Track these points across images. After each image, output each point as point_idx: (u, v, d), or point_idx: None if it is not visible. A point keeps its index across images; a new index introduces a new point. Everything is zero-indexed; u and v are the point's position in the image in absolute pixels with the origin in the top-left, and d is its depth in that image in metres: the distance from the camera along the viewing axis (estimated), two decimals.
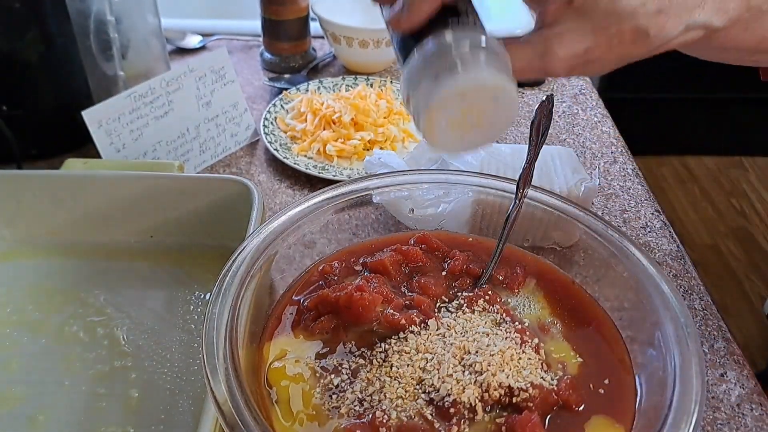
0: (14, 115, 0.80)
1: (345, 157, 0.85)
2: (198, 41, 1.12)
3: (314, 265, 0.57)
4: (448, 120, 0.38)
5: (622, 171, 0.86)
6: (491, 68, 0.37)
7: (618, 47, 0.40)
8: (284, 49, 1.05)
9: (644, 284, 0.51)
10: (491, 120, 0.40)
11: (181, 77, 0.80)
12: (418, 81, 0.38)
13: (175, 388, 0.57)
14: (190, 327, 0.62)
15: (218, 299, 0.47)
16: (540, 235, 0.60)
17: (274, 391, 0.47)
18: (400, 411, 0.44)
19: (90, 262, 0.69)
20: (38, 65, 0.79)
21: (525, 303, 0.54)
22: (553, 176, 0.69)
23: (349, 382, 0.47)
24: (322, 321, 0.51)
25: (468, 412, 0.44)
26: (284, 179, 0.84)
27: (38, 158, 0.83)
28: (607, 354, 0.51)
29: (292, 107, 0.93)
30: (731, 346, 0.63)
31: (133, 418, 0.55)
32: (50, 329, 0.62)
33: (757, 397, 0.59)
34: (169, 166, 0.73)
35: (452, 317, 0.51)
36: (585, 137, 0.93)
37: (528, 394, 0.45)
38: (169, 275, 0.68)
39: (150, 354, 0.60)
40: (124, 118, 0.76)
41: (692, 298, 0.68)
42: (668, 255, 0.73)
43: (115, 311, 0.64)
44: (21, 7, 0.74)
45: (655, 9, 0.39)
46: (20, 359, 0.59)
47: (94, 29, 0.80)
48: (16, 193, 0.68)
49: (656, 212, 0.79)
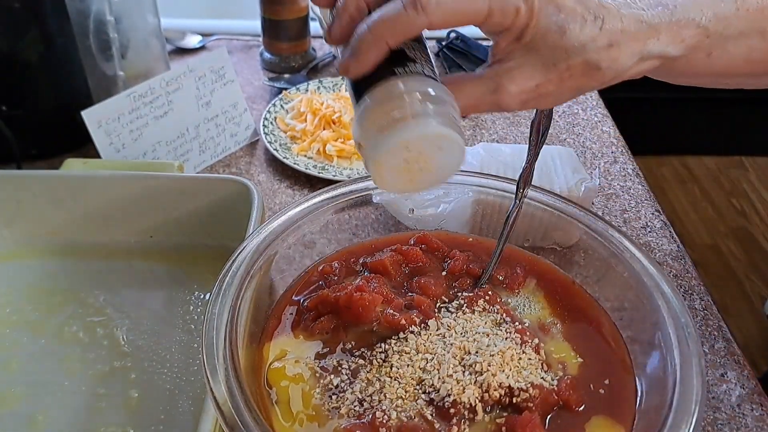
0: (14, 115, 0.80)
1: (345, 157, 0.85)
2: (198, 41, 1.12)
3: (314, 265, 0.57)
4: (396, 167, 0.39)
5: (622, 171, 0.86)
6: (436, 120, 0.37)
7: (569, 81, 0.40)
8: (284, 49, 1.05)
9: (644, 284, 0.51)
10: (439, 165, 0.40)
11: (180, 77, 0.80)
12: (366, 130, 0.38)
13: (175, 388, 0.57)
14: (190, 327, 0.62)
15: (218, 299, 0.47)
16: (540, 235, 0.60)
17: (274, 392, 0.47)
18: (400, 411, 0.44)
19: (89, 263, 0.69)
20: (38, 65, 0.79)
21: (525, 303, 0.54)
22: (553, 176, 0.69)
23: (349, 382, 0.47)
24: (322, 321, 0.51)
25: (468, 413, 0.44)
26: (284, 179, 0.84)
27: (38, 158, 0.83)
28: (608, 354, 0.51)
29: (292, 107, 0.93)
30: (731, 346, 0.63)
31: (133, 418, 0.54)
32: (50, 329, 0.62)
33: (757, 397, 0.59)
34: (169, 166, 0.73)
35: (452, 317, 0.51)
36: (585, 137, 0.93)
37: (528, 395, 0.45)
38: (169, 275, 0.68)
39: (150, 354, 0.60)
40: (123, 118, 0.76)
41: (692, 298, 0.68)
42: (668, 255, 0.73)
43: (114, 311, 0.64)
44: (21, 7, 0.74)
45: (605, 43, 0.39)
46: (20, 359, 0.59)
47: (93, 29, 0.80)
48: (15, 193, 0.68)
49: (656, 212, 0.79)
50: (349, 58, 0.39)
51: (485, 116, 0.96)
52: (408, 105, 0.37)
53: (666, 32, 0.40)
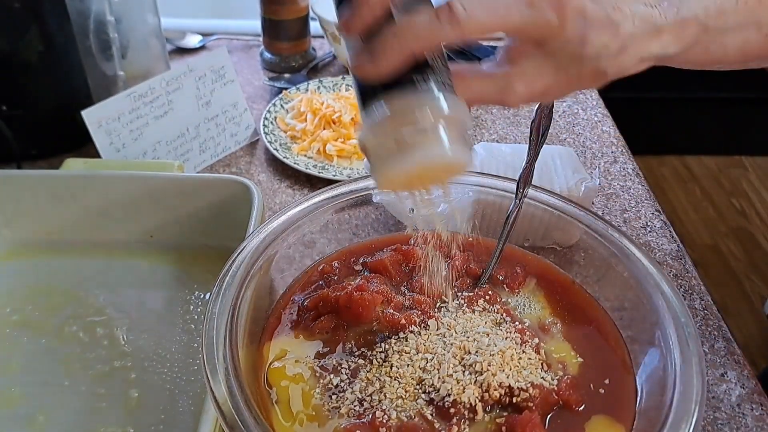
0: (14, 115, 0.80)
1: (345, 156, 0.85)
2: (198, 41, 1.12)
3: (314, 265, 0.57)
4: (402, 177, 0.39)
5: (622, 171, 0.86)
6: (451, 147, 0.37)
7: (576, 84, 0.41)
8: (284, 48, 1.05)
9: (644, 284, 0.51)
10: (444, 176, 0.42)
11: (180, 77, 0.80)
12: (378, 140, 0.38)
13: (175, 388, 0.57)
14: (190, 327, 0.62)
15: (218, 299, 0.47)
16: (540, 235, 0.60)
17: (274, 392, 0.47)
18: (400, 411, 0.44)
19: (90, 263, 0.69)
20: (38, 65, 0.79)
21: (525, 303, 0.54)
22: (553, 176, 0.69)
23: (349, 382, 0.47)
24: (322, 321, 0.51)
25: (468, 412, 0.44)
26: (284, 179, 0.84)
27: (38, 158, 0.83)
28: (608, 354, 0.51)
29: (292, 107, 0.93)
30: (731, 346, 0.63)
31: (133, 418, 0.54)
32: (50, 329, 0.62)
33: (757, 396, 0.59)
34: (169, 166, 0.73)
35: (452, 317, 0.51)
36: (585, 137, 0.93)
37: (528, 394, 0.45)
38: (169, 275, 0.68)
39: (150, 354, 0.60)
40: (123, 118, 0.76)
41: (692, 298, 0.68)
42: (668, 255, 0.73)
43: (114, 311, 0.64)
44: (21, 7, 0.74)
45: (617, 48, 0.39)
46: (20, 359, 0.59)
47: (93, 29, 0.80)
48: (15, 193, 0.68)
49: (656, 212, 0.79)
50: (368, 59, 0.37)
51: (485, 116, 0.96)
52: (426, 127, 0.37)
53: (669, 32, 0.40)
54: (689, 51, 0.41)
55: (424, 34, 0.36)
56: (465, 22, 0.36)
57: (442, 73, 0.38)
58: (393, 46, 0.36)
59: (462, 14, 0.36)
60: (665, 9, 0.40)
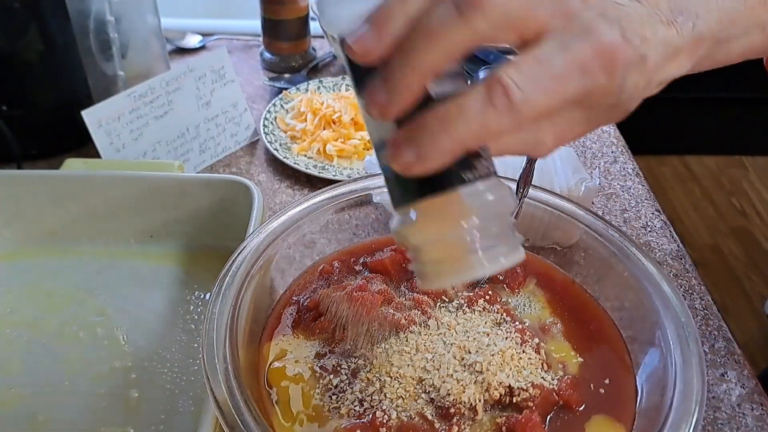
0: (14, 115, 0.80)
1: (345, 156, 0.85)
2: (198, 41, 1.12)
3: (314, 265, 0.57)
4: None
5: (622, 170, 0.86)
6: (505, 258, 0.35)
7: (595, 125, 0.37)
8: (284, 48, 1.05)
9: (644, 284, 0.51)
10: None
11: (180, 77, 0.80)
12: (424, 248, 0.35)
13: (175, 388, 0.57)
14: (190, 327, 0.62)
15: (218, 299, 0.47)
16: (540, 235, 0.60)
17: (274, 392, 0.47)
18: (400, 411, 0.44)
19: (89, 263, 0.68)
20: (38, 65, 0.79)
21: (525, 303, 0.54)
22: (553, 176, 0.69)
23: (349, 382, 0.47)
24: (322, 321, 0.51)
25: (468, 412, 0.44)
26: (284, 179, 0.84)
27: (38, 158, 0.83)
28: (608, 354, 0.51)
29: (292, 107, 0.93)
30: (731, 345, 0.63)
31: (133, 418, 0.54)
32: (50, 329, 0.62)
33: (757, 396, 0.59)
34: (169, 166, 0.73)
35: (452, 317, 0.51)
36: (585, 137, 0.93)
37: (528, 394, 0.45)
38: (169, 275, 0.68)
39: (150, 354, 0.60)
40: (123, 118, 0.76)
41: (692, 298, 0.68)
42: (668, 255, 0.73)
43: (115, 311, 0.64)
44: (21, 7, 0.74)
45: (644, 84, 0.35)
46: (20, 359, 0.59)
47: (93, 29, 0.80)
48: (15, 193, 0.68)
49: (657, 212, 0.79)
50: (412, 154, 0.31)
51: None
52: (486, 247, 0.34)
53: (686, 52, 0.36)
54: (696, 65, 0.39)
55: (476, 125, 0.31)
56: (521, 105, 0.31)
57: (486, 158, 0.34)
58: (443, 140, 0.31)
59: (518, 96, 0.30)
60: (681, 24, 0.36)
